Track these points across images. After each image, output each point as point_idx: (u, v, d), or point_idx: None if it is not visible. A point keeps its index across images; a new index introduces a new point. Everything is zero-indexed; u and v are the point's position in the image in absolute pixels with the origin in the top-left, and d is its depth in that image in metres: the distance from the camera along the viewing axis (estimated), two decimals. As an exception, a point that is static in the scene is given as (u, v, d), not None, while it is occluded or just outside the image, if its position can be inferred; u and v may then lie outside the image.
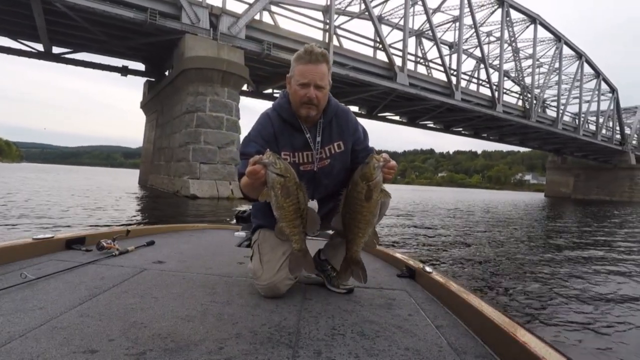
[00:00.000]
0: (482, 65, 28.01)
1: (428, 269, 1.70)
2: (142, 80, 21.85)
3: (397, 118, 30.71)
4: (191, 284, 1.52)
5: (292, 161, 1.42)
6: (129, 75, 20.93)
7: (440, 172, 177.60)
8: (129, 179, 29.92)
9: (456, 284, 1.49)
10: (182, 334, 1.03)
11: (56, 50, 18.88)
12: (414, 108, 25.92)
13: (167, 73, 18.39)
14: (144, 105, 22.03)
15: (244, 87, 21.24)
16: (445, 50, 29.79)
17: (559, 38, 33.66)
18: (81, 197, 11.19)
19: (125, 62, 20.86)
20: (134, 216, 7.67)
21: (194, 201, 11.94)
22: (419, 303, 1.46)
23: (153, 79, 20.98)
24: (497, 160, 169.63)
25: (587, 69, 38.06)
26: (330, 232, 1.69)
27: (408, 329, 1.19)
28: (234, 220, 2.99)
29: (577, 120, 37.53)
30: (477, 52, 28.17)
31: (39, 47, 18.29)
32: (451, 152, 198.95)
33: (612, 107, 42.18)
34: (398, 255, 2.08)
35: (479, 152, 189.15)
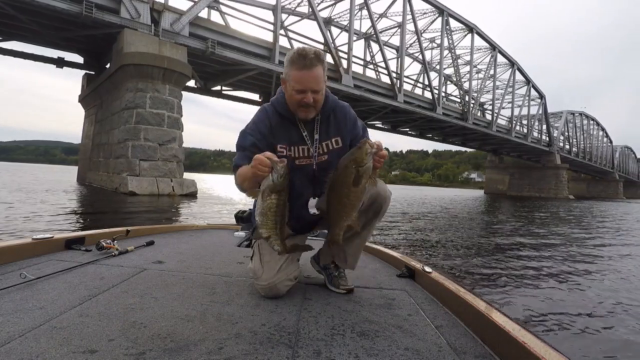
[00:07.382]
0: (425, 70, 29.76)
1: (428, 269, 1.71)
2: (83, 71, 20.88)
3: (346, 118, 31.70)
4: (191, 284, 1.52)
5: (288, 155, 1.42)
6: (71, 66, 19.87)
7: (394, 170, 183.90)
8: (61, 176, 28.25)
9: (456, 284, 1.50)
10: (181, 334, 1.03)
11: (-20, 37, 17.56)
12: (361, 109, 26.96)
13: (108, 66, 17.76)
14: (83, 99, 21.06)
15: (192, 84, 21.06)
16: (393, 54, 31.32)
17: (493, 47, 36.55)
18: None
19: (61, 54, 19.85)
20: (51, 217, 7.65)
21: (132, 198, 11.87)
22: (418, 303, 1.47)
23: (92, 72, 20.14)
24: (446, 159, 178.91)
25: (519, 76, 41.79)
26: None
27: (408, 329, 1.19)
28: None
29: (510, 123, 41.09)
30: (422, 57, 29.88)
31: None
32: (404, 151, 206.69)
33: (540, 112, 46.64)
34: (398, 255, 2.09)
35: (430, 151, 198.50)
